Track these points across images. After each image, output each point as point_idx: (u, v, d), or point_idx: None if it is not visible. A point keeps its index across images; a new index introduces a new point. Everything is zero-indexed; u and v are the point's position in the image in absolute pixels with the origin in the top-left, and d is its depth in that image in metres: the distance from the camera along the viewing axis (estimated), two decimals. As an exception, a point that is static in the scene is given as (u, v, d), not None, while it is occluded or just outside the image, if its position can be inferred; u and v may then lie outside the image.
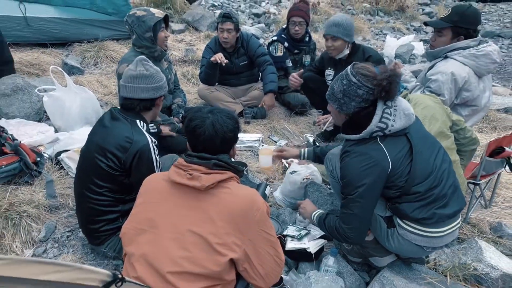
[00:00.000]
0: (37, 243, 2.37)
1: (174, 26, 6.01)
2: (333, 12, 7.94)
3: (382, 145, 1.91)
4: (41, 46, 4.73)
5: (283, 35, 4.31)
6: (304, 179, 2.72)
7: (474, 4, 2.92)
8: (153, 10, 2.99)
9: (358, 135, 1.93)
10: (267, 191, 2.79)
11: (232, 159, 1.82)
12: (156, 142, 2.15)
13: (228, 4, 7.67)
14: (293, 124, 4.14)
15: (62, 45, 4.88)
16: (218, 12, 7.20)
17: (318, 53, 5.16)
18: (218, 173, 1.65)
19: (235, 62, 4.04)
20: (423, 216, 1.90)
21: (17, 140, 2.67)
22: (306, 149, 2.68)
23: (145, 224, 1.62)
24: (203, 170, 1.64)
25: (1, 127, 2.66)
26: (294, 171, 2.81)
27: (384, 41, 6.45)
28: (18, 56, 4.40)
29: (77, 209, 2.24)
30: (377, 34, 7.49)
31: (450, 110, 2.51)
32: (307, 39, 4.39)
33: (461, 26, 2.70)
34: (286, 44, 4.29)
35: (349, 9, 8.55)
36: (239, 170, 1.77)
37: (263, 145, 3.59)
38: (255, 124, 3.99)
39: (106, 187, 2.09)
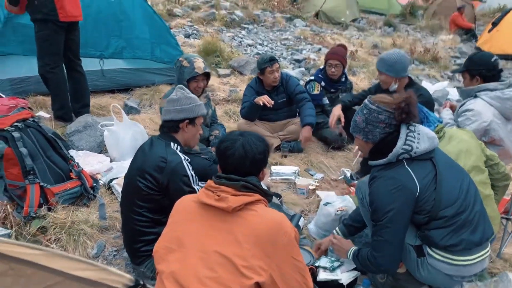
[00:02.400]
0: (90, 258, 2.44)
1: (221, 71, 6.26)
2: (370, 60, 7.98)
3: (409, 169, 1.83)
4: (110, 92, 5.13)
5: (320, 75, 4.35)
6: (338, 210, 2.60)
7: (501, 63, 3.08)
8: (197, 64, 3.18)
9: (384, 159, 1.87)
10: (301, 223, 2.71)
11: (262, 184, 1.79)
12: (190, 160, 2.17)
13: (272, 52, 7.88)
14: (330, 158, 4.06)
15: (126, 90, 5.24)
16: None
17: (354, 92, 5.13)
18: (245, 195, 1.61)
19: (274, 99, 4.09)
20: (451, 243, 1.77)
21: (80, 167, 2.82)
22: (337, 227, 2.47)
23: (174, 243, 1.60)
24: (231, 191, 1.61)
25: (71, 156, 2.84)
26: (328, 203, 2.71)
27: (420, 86, 6.44)
28: (93, 101, 4.81)
29: (122, 229, 2.31)
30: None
31: (484, 145, 2.39)
32: (343, 79, 4.40)
33: (471, 69, 2.93)
34: (323, 83, 4.31)
35: (386, 56, 8.54)
36: (267, 194, 1.73)
37: (299, 178, 3.53)
38: (292, 157, 3.96)
39: (145, 207, 2.12)
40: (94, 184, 2.80)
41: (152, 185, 2.09)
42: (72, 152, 3.20)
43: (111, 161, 3.33)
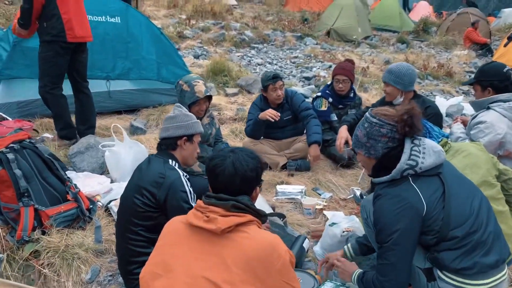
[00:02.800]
0: (84, 284, 2.37)
1: (229, 90, 6.25)
2: (380, 75, 7.84)
3: (415, 185, 1.70)
4: (117, 113, 5.16)
5: (327, 91, 4.26)
6: (344, 231, 2.46)
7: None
8: (197, 88, 3.10)
9: (388, 176, 1.74)
10: (306, 245, 2.58)
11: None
12: (188, 176, 2.12)
13: (281, 70, 7.85)
14: (339, 176, 3.92)
15: (133, 111, 5.25)
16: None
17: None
18: (236, 216, 1.51)
19: (280, 117, 3.99)
20: (463, 265, 1.61)
21: (78, 189, 2.76)
22: (349, 244, 2.33)
23: (161, 268, 1.50)
24: (221, 212, 1.51)
25: (68, 177, 2.78)
26: (334, 223, 2.57)
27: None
28: (99, 122, 4.83)
29: (117, 250, 2.23)
30: (427, 96, 7.40)
31: (496, 159, 2.23)
32: (352, 95, 4.29)
33: (483, 80, 2.85)
34: (330, 99, 4.21)
35: (399, 72, 8.44)
36: (260, 214, 1.63)
37: (305, 197, 3.40)
38: (298, 176, 3.83)
39: (141, 226, 2.05)
40: (91, 206, 2.72)
41: (149, 202, 2.04)
42: (72, 174, 3.16)
43: (112, 182, 3.27)
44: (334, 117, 4.24)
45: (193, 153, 2.32)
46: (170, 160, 2.18)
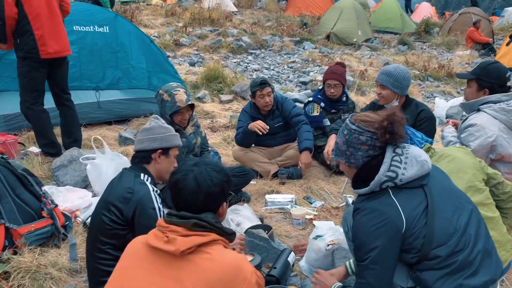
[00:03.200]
0: (55, 306, 2.23)
1: (223, 97, 6.16)
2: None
3: (395, 199, 1.56)
4: (107, 123, 5.06)
5: (319, 96, 4.14)
6: (329, 244, 2.32)
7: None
8: (178, 97, 2.98)
9: (367, 188, 1.62)
10: (291, 259, 2.44)
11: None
12: (159, 192, 2.01)
13: (278, 76, 7.74)
14: (332, 184, 3.78)
15: (123, 121, 5.15)
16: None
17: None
18: (198, 235, 1.39)
19: (270, 124, 3.88)
20: (446, 287, 1.46)
21: (53, 205, 2.65)
22: (351, 260, 2.11)
23: None
24: (182, 231, 1.40)
25: (44, 192, 2.68)
26: (318, 236, 2.43)
27: (434, 103, 6.17)
28: (88, 133, 4.73)
29: (87, 269, 2.12)
30: (427, 97, 7.31)
31: (484, 163, 2.09)
32: (344, 99, 4.16)
33: (483, 79, 2.65)
34: (322, 104, 4.09)
35: (399, 74, 8.29)
36: (227, 232, 1.51)
37: (296, 207, 3.27)
38: (290, 184, 3.70)
39: (109, 244, 1.94)
40: (67, 223, 2.62)
41: (117, 218, 1.93)
42: (52, 188, 3.06)
43: (94, 195, 3.16)
44: (327, 122, 4.12)
45: (169, 167, 2.19)
46: (142, 174, 2.07)
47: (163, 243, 1.39)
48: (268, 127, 3.64)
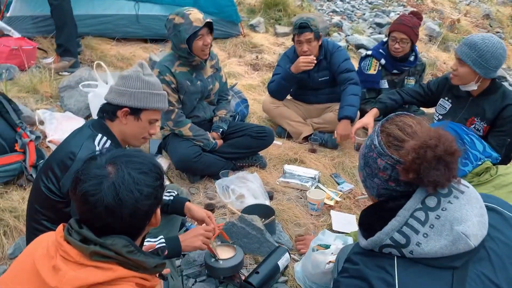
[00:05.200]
0: (5, 259, 1.96)
1: (280, 28, 5.35)
2: (474, 32, 6.25)
3: (397, 272, 0.95)
4: (143, 41, 4.66)
5: (380, 50, 3.27)
6: (328, 263, 1.76)
7: None
8: (193, 16, 2.42)
9: (364, 243, 1.03)
10: (283, 262, 1.94)
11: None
12: None
13: (352, 11, 6.62)
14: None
15: (161, 41, 4.69)
16: (337, 18, 6.25)
17: (430, 77, 3.91)
18: (97, 269, 0.94)
19: (313, 76, 3.16)
20: None
21: (31, 137, 2.30)
22: None
23: None
24: (76, 258, 0.95)
25: (21, 122, 2.31)
26: (321, 245, 1.87)
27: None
28: (117, 50, 4.37)
29: (26, 240, 1.75)
30: None
31: None
32: (412, 58, 3.24)
33: None
34: (382, 61, 3.22)
35: (497, 32, 6.70)
36: (145, 267, 1.00)
37: (317, 185, 2.67)
38: (321, 154, 3.06)
39: (44, 215, 1.56)
40: (40, 162, 2.25)
41: (53, 187, 1.52)
42: (46, 113, 2.71)
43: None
44: (384, 85, 3.29)
45: (137, 132, 1.68)
46: (99, 136, 1.58)
47: (47, 269, 0.95)
48: (314, 58, 2.96)
